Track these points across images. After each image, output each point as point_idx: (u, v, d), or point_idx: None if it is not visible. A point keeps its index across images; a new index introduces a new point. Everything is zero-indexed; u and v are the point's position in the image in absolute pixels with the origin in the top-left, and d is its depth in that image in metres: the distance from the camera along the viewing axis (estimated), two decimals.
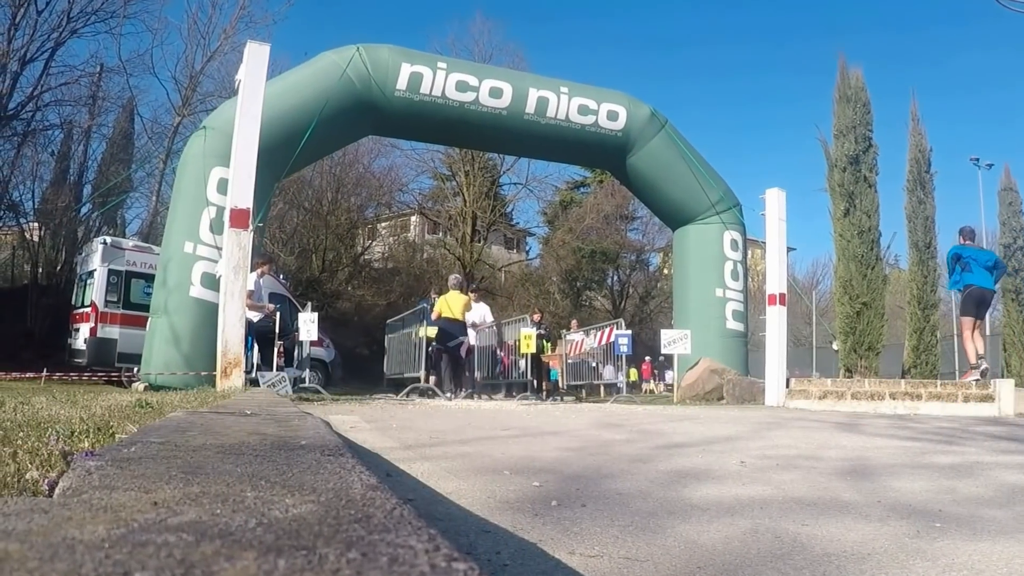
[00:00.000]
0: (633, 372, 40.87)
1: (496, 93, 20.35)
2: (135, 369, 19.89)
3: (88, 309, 24.97)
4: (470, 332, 22.01)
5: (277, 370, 16.60)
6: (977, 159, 48.75)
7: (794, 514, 3.73)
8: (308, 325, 17.85)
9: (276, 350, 17.43)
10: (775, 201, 18.33)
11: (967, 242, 17.22)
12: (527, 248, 71.94)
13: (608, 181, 54.17)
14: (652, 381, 48.22)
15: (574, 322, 31.42)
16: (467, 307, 20.58)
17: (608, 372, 26.40)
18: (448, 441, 6.72)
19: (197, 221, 17.34)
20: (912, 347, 27.73)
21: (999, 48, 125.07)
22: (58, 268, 36.76)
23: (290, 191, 42.80)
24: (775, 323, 17.79)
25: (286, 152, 17.50)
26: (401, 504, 1.75)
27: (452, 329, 19.99)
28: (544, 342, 25.27)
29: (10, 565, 1.17)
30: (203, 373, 15.20)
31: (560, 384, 26.88)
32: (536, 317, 25.35)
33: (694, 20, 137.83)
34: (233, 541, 1.34)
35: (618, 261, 59.71)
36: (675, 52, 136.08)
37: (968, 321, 16.81)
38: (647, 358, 48.01)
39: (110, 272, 24.94)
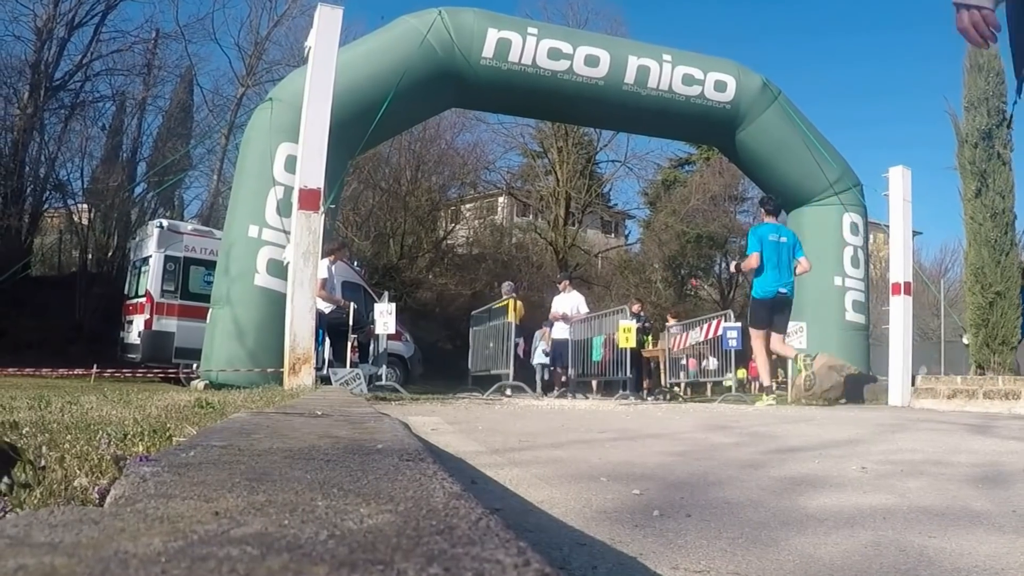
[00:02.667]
0: (741, 371, 40.79)
1: (592, 61, 20.17)
2: (194, 365, 20.09)
3: (142, 299, 25.28)
4: (562, 325, 22.40)
5: (351, 366, 16.70)
6: None
7: (920, 525, 3.69)
8: (385, 317, 17.92)
9: (350, 344, 17.52)
10: (899, 180, 18.17)
11: None
12: (626, 232, 71.74)
13: (715, 158, 53.79)
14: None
15: (637, 304, 30.81)
16: (517, 311, 22.74)
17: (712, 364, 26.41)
18: (539, 445, 6.73)
19: (263, 202, 17.43)
20: None
21: None
22: (109, 254, 37.15)
23: (365, 169, 42.95)
24: (899, 315, 17.64)
25: (360, 127, 17.52)
26: (487, 514, 1.75)
27: None
28: (644, 336, 25.23)
29: None
30: (269, 370, 15.32)
31: (663, 382, 26.86)
32: (635, 308, 25.31)
33: None
34: (303, 555, 1.34)
35: (727, 246, 59.29)
36: (787, 16, 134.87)
37: None
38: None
39: (167, 259, 25.24)
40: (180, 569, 1.22)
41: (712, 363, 26.43)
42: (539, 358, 25.98)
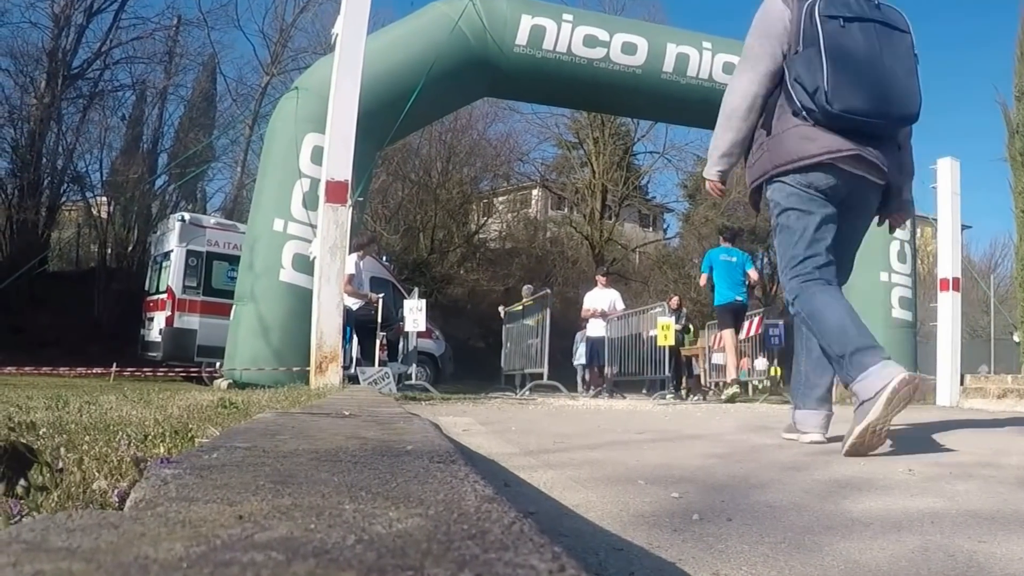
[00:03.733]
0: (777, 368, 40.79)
1: (629, 49, 20.03)
2: (217, 364, 20.09)
3: (163, 296, 25.31)
4: (599, 322, 22.38)
5: (379, 365, 16.70)
6: None
7: (970, 529, 3.65)
8: (415, 314, 17.88)
9: (378, 342, 17.53)
10: (948, 172, 18.07)
11: None
12: (665, 226, 71.55)
13: None
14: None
15: (675, 299, 30.33)
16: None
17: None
18: (575, 446, 6.70)
19: (288, 195, 17.38)
20: None
21: None
22: (129, 249, 37.20)
23: (394, 161, 42.96)
24: (948, 311, 17.56)
25: (389, 117, 17.47)
26: (521, 518, 1.74)
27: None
28: (684, 334, 25.16)
29: None
30: (295, 369, 15.31)
31: (703, 381, 26.80)
32: (673, 303, 25.23)
33: None
34: (329, 560, 1.33)
35: (768, 241, 59.11)
36: None
37: None
38: None
39: (189, 253, 25.24)
40: (203, 575, 1.22)
41: (761, 363, 26.41)
42: (580, 359, 25.99)
